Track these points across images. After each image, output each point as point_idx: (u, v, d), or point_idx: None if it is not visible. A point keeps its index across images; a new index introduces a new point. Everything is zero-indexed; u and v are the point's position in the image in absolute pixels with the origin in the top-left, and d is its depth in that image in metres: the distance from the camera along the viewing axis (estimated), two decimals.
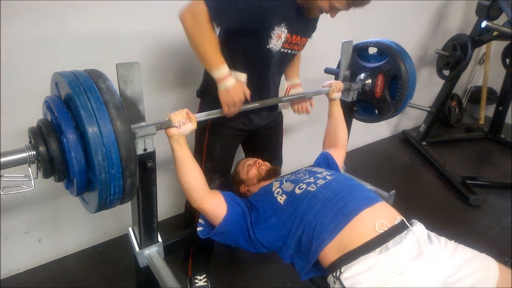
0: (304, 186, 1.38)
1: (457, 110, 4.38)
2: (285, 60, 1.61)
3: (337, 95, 1.82)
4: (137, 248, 1.39)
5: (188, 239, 1.61)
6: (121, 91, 1.11)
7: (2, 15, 1.51)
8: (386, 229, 1.19)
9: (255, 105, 1.55)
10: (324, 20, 2.53)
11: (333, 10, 1.41)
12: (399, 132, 4.16)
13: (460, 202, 2.88)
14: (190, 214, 1.80)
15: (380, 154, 3.75)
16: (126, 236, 1.48)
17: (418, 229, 1.21)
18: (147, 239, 1.38)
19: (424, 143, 3.77)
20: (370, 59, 2.03)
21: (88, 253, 2.20)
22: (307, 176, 1.46)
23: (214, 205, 1.38)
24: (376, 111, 2.07)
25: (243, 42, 1.45)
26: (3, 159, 0.93)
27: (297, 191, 1.37)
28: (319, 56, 2.63)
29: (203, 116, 1.43)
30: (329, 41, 2.58)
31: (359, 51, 2.06)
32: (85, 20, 1.71)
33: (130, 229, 1.44)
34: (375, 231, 1.19)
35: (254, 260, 2.20)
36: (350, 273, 1.11)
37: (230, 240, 1.43)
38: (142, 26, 1.88)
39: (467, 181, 3.01)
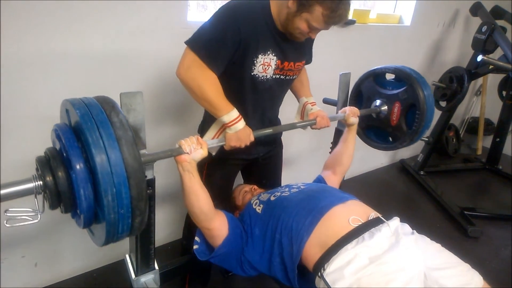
0: (279, 194, 1.47)
1: (454, 140, 4.41)
2: (281, 85, 1.60)
3: (355, 120, 1.77)
4: (133, 275, 1.39)
5: (184, 266, 1.61)
6: None
7: (12, 35, 1.54)
8: (359, 223, 1.22)
9: (268, 131, 1.53)
10: (324, 51, 2.60)
11: (312, 31, 1.39)
12: (397, 161, 4.17)
13: (458, 233, 2.87)
14: (187, 241, 1.79)
15: (378, 182, 3.75)
16: (122, 262, 1.48)
17: (395, 223, 1.23)
18: (143, 266, 1.38)
19: (422, 172, 3.78)
20: (387, 85, 1.98)
21: (83, 278, 2.18)
22: (283, 189, 1.54)
23: (219, 225, 1.37)
24: (391, 139, 2.01)
25: (231, 72, 1.44)
26: (9, 190, 0.89)
27: (272, 198, 1.45)
28: (320, 85, 2.68)
29: (215, 142, 1.41)
30: (327, 70, 2.63)
31: (376, 76, 2.00)
32: (91, 45, 1.75)
33: (127, 256, 1.44)
34: (349, 225, 1.22)
35: None
36: (331, 269, 1.11)
37: (226, 263, 1.42)
38: (146, 58, 1.92)
39: (465, 212, 3.01)
